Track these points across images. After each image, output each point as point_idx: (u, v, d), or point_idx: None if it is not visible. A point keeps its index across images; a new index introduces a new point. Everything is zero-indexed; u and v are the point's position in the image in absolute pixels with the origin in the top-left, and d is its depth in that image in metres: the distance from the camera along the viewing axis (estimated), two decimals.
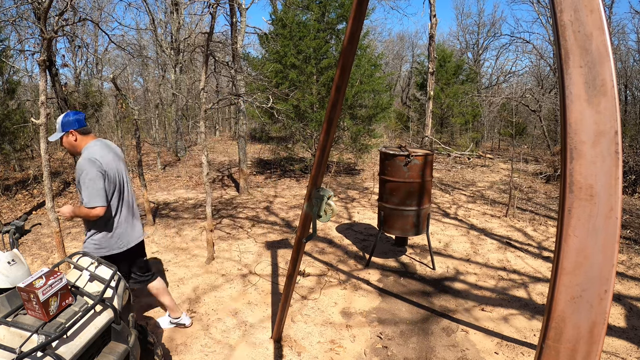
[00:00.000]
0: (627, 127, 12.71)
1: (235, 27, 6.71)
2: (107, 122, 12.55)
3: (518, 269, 3.96)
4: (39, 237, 4.90)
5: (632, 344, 2.73)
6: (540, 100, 13.04)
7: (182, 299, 3.32)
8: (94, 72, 16.20)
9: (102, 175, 2.25)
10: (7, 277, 1.79)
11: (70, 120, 2.33)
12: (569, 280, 0.72)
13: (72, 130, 2.33)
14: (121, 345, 1.76)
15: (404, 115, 17.17)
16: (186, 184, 8.32)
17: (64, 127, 2.33)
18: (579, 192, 0.71)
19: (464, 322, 3.01)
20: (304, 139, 9.10)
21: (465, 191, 7.63)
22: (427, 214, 3.86)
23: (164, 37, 13.67)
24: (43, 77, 3.13)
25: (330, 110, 1.79)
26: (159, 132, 13.93)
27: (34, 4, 4.52)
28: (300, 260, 2.32)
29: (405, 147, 3.84)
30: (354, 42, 1.62)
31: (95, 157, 2.27)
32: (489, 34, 21.07)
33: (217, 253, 4.27)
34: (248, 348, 2.67)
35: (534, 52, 17.49)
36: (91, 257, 2.00)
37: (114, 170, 2.36)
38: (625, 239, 4.82)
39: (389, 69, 24.76)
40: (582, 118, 0.71)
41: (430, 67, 10.61)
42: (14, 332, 1.48)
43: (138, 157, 5.10)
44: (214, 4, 4.18)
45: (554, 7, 0.73)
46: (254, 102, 4.89)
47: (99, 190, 2.23)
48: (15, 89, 9.00)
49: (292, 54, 8.41)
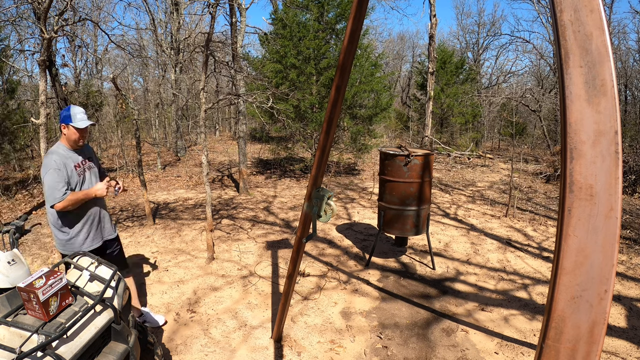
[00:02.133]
0: (627, 127, 12.72)
1: (235, 27, 6.71)
2: (107, 122, 12.56)
3: (518, 269, 3.96)
4: (39, 237, 4.90)
5: (632, 344, 2.73)
6: (540, 100, 13.05)
7: (182, 299, 3.32)
8: (94, 72, 16.21)
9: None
10: (7, 277, 1.79)
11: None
12: (569, 280, 0.72)
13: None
14: (121, 345, 1.76)
15: (404, 115, 17.17)
16: (186, 184, 8.32)
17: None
18: (579, 192, 0.71)
19: (464, 322, 3.01)
20: (304, 139, 9.10)
21: (465, 191, 7.63)
22: (427, 214, 3.86)
23: (164, 37, 13.67)
24: (43, 77, 3.13)
25: (330, 110, 1.79)
26: (159, 132, 13.93)
27: (34, 4, 4.52)
28: (300, 260, 2.32)
29: (405, 147, 3.84)
30: (353, 42, 1.62)
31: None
32: (489, 34, 21.08)
33: (216, 253, 4.27)
34: (248, 348, 2.67)
35: (534, 52, 17.50)
36: (91, 257, 2.00)
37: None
38: (625, 239, 4.82)
39: (389, 69, 24.77)
40: (582, 118, 0.71)
41: (431, 67, 10.61)
42: (14, 332, 1.48)
43: (138, 157, 5.10)
44: (214, 4, 4.18)
45: (554, 6, 0.73)
46: (254, 102, 4.89)
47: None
48: (15, 89, 9.00)
49: (292, 54, 8.42)
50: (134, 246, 4.54)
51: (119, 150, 10.51)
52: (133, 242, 4.69)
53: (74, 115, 2.41)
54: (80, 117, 2.42)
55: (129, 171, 9.24)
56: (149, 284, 3.57)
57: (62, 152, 2.44)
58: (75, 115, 2.42)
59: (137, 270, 3.88)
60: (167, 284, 3.58)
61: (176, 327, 2.91)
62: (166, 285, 3.55)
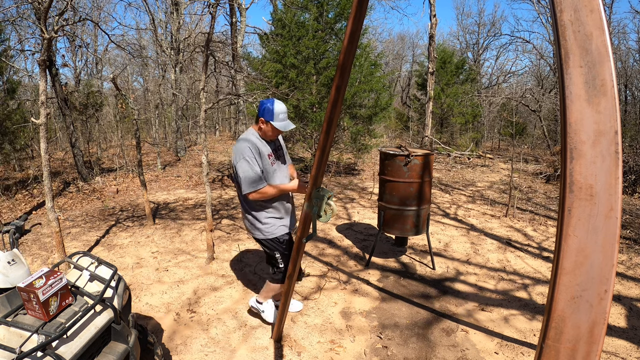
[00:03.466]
0: (627, 127, 12.72)
1: (235, 27, 6.71)
2: (107, 122, 12.56)
3: (518, 269, 3.96)
4: (39, 237, 4.90)
5: (632, 344, 2.73)
6: (540, 100, 13.04)
7: (182, 299, 3.32)
8: (94, 72, 16.21)
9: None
10: (7, 277, 1.79)
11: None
12: (569, 280, 0.72)
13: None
14: (121, 345, 1.76)
15: (404, 115, 17.16)
16: (186, 184, 8.32)
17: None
18: (579, 192, 0.71)
19: (464, 322, 3.01)
20: (304, 139, 9.10)
21: (465, 191, 7.63)
22: (427, 214, 3.86)
23: (164, 37, 13.67)
24: (43, 77, 3.13)
25: (330, 110, 1.79)
26: (159, 132, 13.93)
27: (34, 4, 4.52)
28: (300, 260, 2.32)
29: (405, 147, 3.84)
30: (353, 42, 1.61)
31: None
32: (489, 34, 21.09)
33: (217, 253, 4.27)
34: (248, 348, 2.67)
35: (534, 52, 17.50)
36: (91, 257, 2.00)
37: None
38: (625, 239, 4.82)
39: (389, 69, 24.77)
40: (582, 118, 0.71)
41: (430, 67, 10.61)
42: (14, 332, 1.48)
43: (138, 157, 5.10)
44: (214, 4, 4.18)
45: (554, 7, 0.73)
46: (254, 102, 4.89)
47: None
48: (16, 89, 9.00)
49: (292, 53, 8.42)
50: (134, 246, 4.54)
51: (119, 150, 10.51)
52: (133, 242, 4.69)
53: (276, 115, 2.33)
54: (282, 117, 2.36)
55: (129, 171, 9.24)
56: (149, 284, 3.57)
57: (256, 141, 2.39)
58: (278, 115, 2.34)
59: (138, 270, 3.88)
60: (167, 284, 3.58)
61: (176, 327, 2.91)
62: (166, 285, 3.55)
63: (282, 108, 2.37)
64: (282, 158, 2.63)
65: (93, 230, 5.17)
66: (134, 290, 3.45)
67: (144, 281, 3.63)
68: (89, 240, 4.80)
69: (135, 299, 3.30)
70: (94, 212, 6.14)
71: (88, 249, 4.50)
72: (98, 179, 8.16)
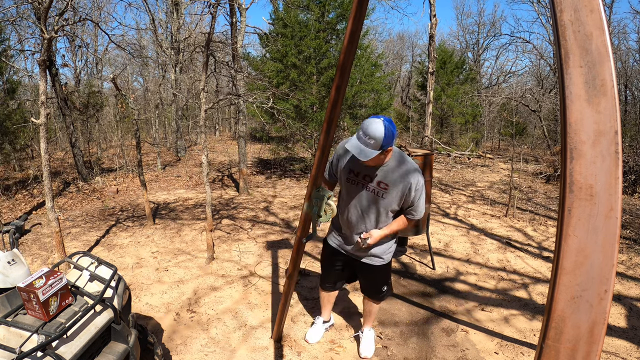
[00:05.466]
0: (627, 127, 12.72)
1: (235, 27, 6.71)
2: (107, 122, 12.57)
3: (518, 269, 3.96)
4: (39, 237, 4.90)
5: (632, 344, 2.73)
6: (540, 100, 13.04)
7: (182, 299, 3.32)
8: (94, 72, 16.21)
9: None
10: (7, 277, 1.79)
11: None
12: (569, 280, 0.72)
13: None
14: (121, 345, 1.76)
15: (404, 115, 17.16)
16: (186, 184, 8.32)
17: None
18: (579, 192, 0.71)
19: (464, 322, 3.01)
20: (304, 139, 9.10)
21: (465, 191, 7.63)
22: (427, 214, 3.85)
23: (164, 37, 13.67)
24: (43, 77, 3.13)
25: (330, 110, 1.79)
26: (159, 132, 13.94)
27: (34, 4, 4.52)
28: (300, 260, 2.32)
29: (405, 147, 3.84)
30: (354, 42, 1.61)
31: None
32: (489, 34, 21.08)
33: (217, 253, 4.27)
34: (248, 348, 2.67)
35: (534, 52, 17.50)
36: (91, 257, 2.00)
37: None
38: (625, 239, 4.82)
39: (389, 69, 24.76)
40: (582, 118, 0.71)
41: (430, 67, 10.61)
42: (14, 332, 1.48)
43: (138, 157, 5.10)
44: (215, 4, 4.18)
45: (554, 7, 0.73)
46: (254, 102, 4.88)
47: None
48: (16, 89, 9.00)
49: (293, 53, 8.42)
50: (134, 246, 4.54)
51: (119, 150, 10.51)
52: (133, 242, 4.69)
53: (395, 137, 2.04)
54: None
55: (129, 171, 9.24)
56: (149, 284, 3.57)
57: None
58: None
59: (138, 270, 3.88)
60: (167, 284, 3.58)
61: (176, 327, 2.91)
62: (166, 285, 3.55)
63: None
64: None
65: (93, 230, 5.17)
66: (134, 290, 3.45)
67: (144, 281, 3.63)
68: (89, 240, 4.80)
69: (135, 299, 3.30)
70: (94, 212, 6.14)
71: (88, 249, 4.50)
72: (98, 179, 8.17)
